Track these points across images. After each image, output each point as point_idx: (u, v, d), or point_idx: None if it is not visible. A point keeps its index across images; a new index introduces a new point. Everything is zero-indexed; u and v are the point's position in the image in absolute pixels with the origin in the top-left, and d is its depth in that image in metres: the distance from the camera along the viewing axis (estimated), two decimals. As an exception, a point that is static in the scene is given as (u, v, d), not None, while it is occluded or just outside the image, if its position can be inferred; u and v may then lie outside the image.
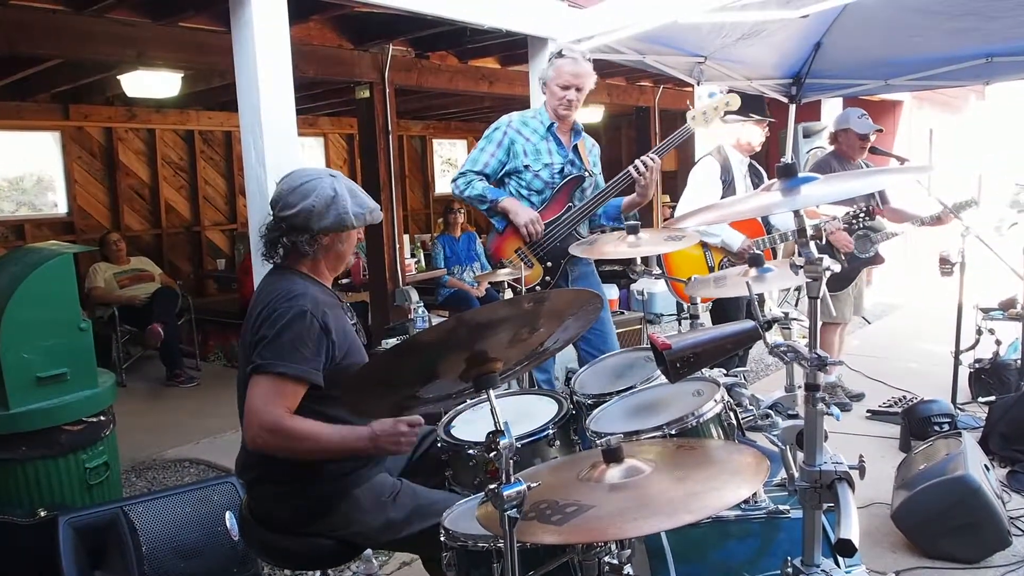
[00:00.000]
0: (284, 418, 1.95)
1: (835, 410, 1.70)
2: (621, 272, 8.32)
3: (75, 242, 7.20)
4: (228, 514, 2.99)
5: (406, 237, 7.12)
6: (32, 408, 3.07)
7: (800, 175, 1.61)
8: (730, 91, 3.62)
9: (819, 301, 1.69)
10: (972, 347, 4.67)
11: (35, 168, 8.00)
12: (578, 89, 3.29)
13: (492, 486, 1.36)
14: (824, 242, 4.29)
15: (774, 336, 1.81)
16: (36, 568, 2.79)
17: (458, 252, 7.01)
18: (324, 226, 2.09)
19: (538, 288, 3.35)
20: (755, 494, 2.01)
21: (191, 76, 6.11)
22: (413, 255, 7.43)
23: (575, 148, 3.41)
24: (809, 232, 1.59)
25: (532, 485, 1.38)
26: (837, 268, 4.48)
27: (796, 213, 1.60)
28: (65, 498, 3.14)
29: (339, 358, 2.07)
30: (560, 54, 3.27)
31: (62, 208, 7.90)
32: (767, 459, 1.53)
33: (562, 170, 3.36)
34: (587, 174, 3.41)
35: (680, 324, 5.84)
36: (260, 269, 3.61)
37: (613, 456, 1.53)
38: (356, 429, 2.01)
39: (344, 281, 7.03)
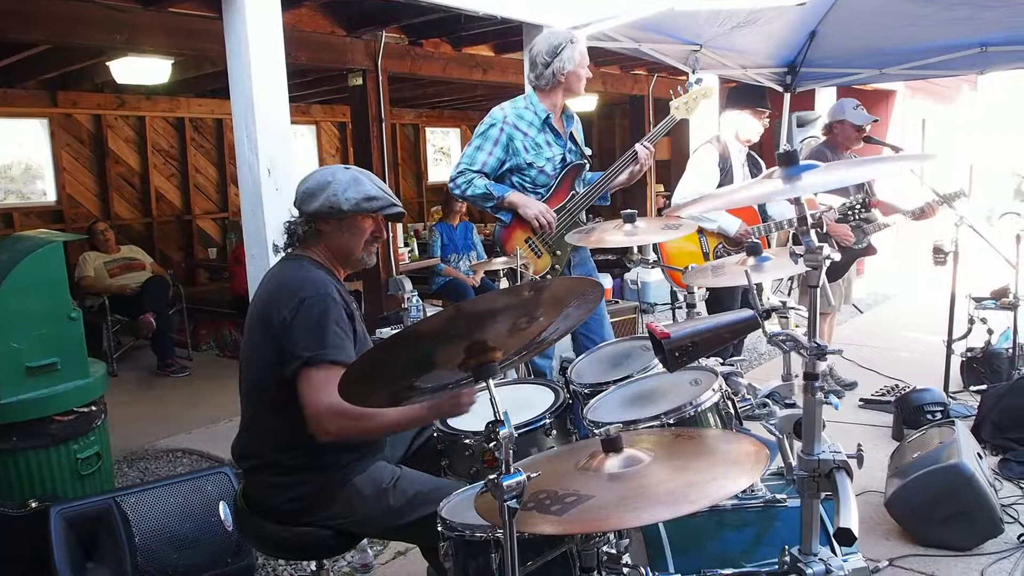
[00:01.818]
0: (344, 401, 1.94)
1: (834, 399, 1.70)
2: (615, 261, 8.30)
3: (64, 231, 7.14)
4: (222, 504, 2.98)
5: (399, 226, 7.09)
6: (23, 398, 3.04)
7: (802, 163, 1.60)
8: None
9: (819, 290, 1.68)
10: (964, 336, 4.69)
11: (23, 156, 7.93)
12: None
13: (492, 476, 1.34)
14: (823, 231, 4.29)
15: (772, 325, 1.81)
16: (28, 560, 2.78)
17: (455, 240, 6.98)
18: (314, 208, 2.09)
19: (548, 277, 3.34)
20: (752, 483, 2.00)
21: (181, 63, 6.05)
22: (406, 244, 7.39)
23: (570, 135, 3.39)
24: (810, 220, 1.58)
25: (532, 475, 1.37)
26: (837, 257, 4.47)
27: (796, 201, 1.59)
28: (57, 489, 3.12)
29: (358, 345, 2.09)
30: (571, 40, 3.24)
31: (51, 196, 7.83)
32: (767, 448, 1.53)
33: (563, 159, 3.34)
34: (586, 161, 3.39)
35: (674, 313, 5.83)
36: (253, 258, 3.61)
37: (612, 446, 1.52)
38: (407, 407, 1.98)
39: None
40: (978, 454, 3.17)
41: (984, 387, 4.40)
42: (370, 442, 2.17)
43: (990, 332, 4.70)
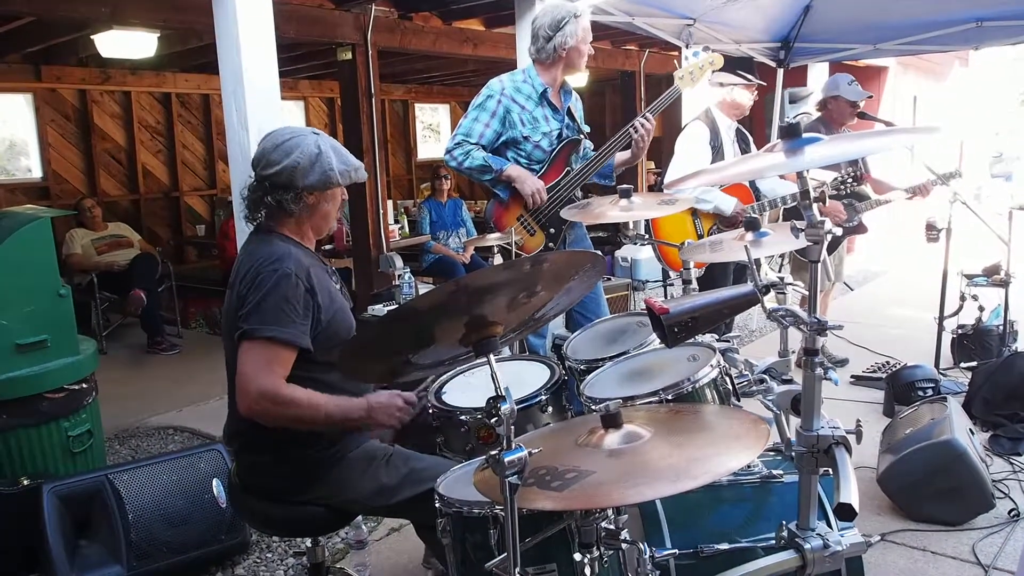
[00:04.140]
0: (281, 385, 1.92)
1: (833, 375, 1.69)
2: (606, 238, 8.29)
3: (51, 207, 7.06)
4: (215, 481, 2.97)
5: (389, 203, 7.04)
6: (12, 376, 3.01)
7: (805, 136, 1.57)
8: (712, 50, 3.57)
9: (820, 265, 1.67)
10: (955, 313, 4.71)
11: (7, 132, 7.81)
12: None
13: (493, 452, 1.33)
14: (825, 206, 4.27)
15: (768, 301, 1.80)
16: (20, 537, 2.77)
17: (444, 217, 6.95)
18: (309, 183, 2.04)
19: None
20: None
21: (167, 36, 5.95)
22: (396, 221, 7.36)
23: (568, 110, 3.34)
24: (813, 195, 1.56)
25: (533, 451, 1.36)
26: (839, 232, 4.49)
27: (800, 174, 1.57)
28: (48, 466, 3.10)
29: (325, 320, 2.03)
30: (576, 14, 3.17)
31: (36, 173, 7.74)
32: (766, 423, 1.52)
33: (559, 135, 3.30)
34: (583, 136, 3.36)
35: (666, 290, 5.83)
36: (243, 232, 3.56)
37: (612, 422, 1.51)
38: (352, 399, 1.99)
39: (327, 247, 6.95)
40: (969, 430, 3.19)
41: (974, 364, 4.43)
42: None
43: (981, 309, 4.73)
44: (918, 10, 5.16)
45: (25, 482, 2.90)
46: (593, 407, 2.02)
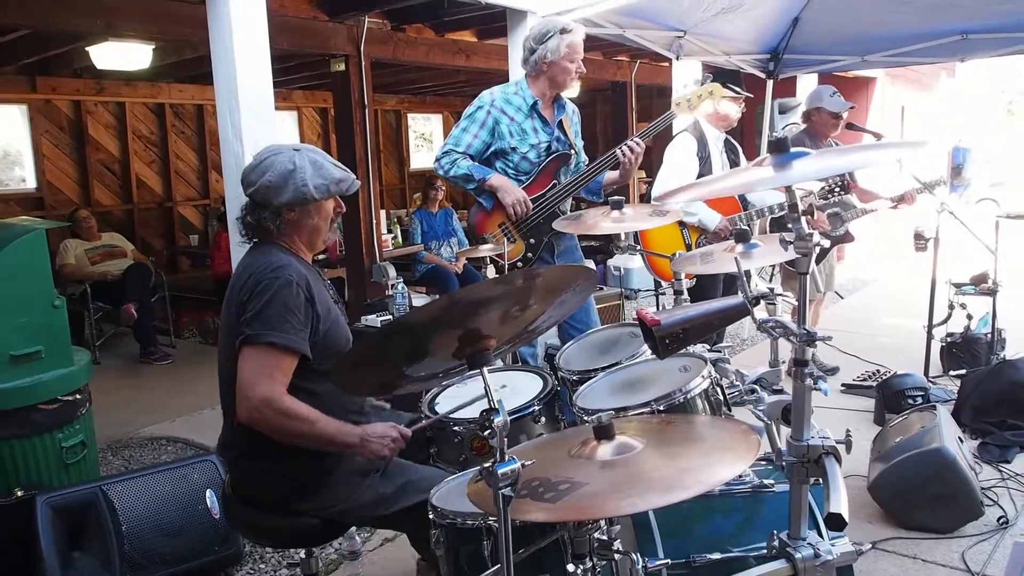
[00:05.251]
0: (282, 395, 1.94)
1: (823, 385, 1.71)
2: (598, 247, 8.32)
3: (45, 218, 7.06)
4: (209, 492, 2.97)
5: (382, 213, 7.06)
6: (6, 387, 3.01)
7: (793, 150, 1.60)
8: (714, 80, 3.61)
9: (808, 276, 1.69)
10: (944, 321, 4.75)
11: (1, 142, 7.81)
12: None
13: (486, 464, 1.35)
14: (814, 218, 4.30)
15: (759, 311, 1.82)
16: (13, 549, 2.76)
17: (435, 227, 6.96)
18: (284, 200, 2.06)
19: (519, 264, 3.34)
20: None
21: (162, 48, 5.97)
22: (390, 231, 7.37)
23: (559, 124, 3.36)
24: (801, 207, 1.58)
25: (526, 463, 1.37)
26: (827, 244, 4.53)
27: (788, 188, 1.60)
28: (42, 478, 3.10)
29: (322, 331, 2.05)
30: (563, 30, 3.17)
31: (30, 183, 7.73)
32: (757, 434, 1.54)
33: (548, 147, 3.32)
34: (573, 152, 3.38)
35: (658, 300, 5.86)
36: (236, 247, 3.58)
37: (604, 433, 1.53)
38: (348, 425, 2.02)
39: (321, 257, 6.96)
40: (959, 438, 3.22)
41: (963, 372, 4.46)
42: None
43: (969, 317, 4.77)
44: (905, 22, 5.22)
45: (19, 493, 2.90)
46: (586, 418, 2.03)
